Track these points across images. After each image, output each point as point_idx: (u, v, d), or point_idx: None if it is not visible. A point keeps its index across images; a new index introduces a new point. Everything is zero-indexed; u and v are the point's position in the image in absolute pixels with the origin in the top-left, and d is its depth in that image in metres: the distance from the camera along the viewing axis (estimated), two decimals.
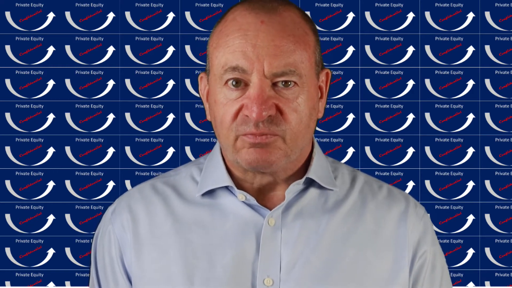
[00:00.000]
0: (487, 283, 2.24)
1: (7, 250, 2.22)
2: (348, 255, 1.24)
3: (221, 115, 1.20)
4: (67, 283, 2.22)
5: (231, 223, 1.25)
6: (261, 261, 1.22)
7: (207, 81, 1.26)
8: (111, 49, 2.25)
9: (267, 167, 1.20)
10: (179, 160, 2.25)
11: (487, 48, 2.25)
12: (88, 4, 2.25)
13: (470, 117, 2.25)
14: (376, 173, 2.24)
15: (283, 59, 1.17)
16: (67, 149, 2.24)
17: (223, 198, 1.27)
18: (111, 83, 2.25)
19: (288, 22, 1.20)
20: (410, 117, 2.26)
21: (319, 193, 1.28)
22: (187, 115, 2.26)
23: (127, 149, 2.25)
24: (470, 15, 2.25)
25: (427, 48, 2.25)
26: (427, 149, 2.25)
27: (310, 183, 1.28)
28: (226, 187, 1.27)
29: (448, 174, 2.26)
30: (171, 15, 2.26)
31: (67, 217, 2.23)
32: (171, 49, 2.25)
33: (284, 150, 1.20)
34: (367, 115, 2.26)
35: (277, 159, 1.20)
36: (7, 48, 2.23)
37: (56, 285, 2.22)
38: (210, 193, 1.28)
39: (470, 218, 2.25)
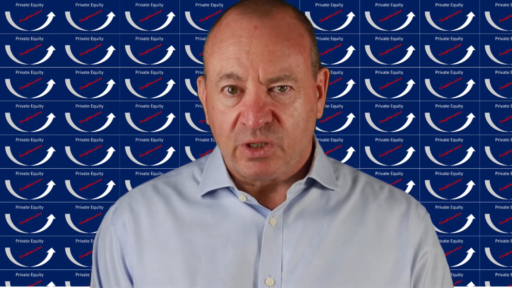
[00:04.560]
0: (487, 283, 2.24)
1: (7, 250, 2.22)
2: (350, 256, 1.24)
3: (220, 123, 1.19)
4: (67, 283, 2.22)
5: (232, 223, 1.24)
6: (263, 261, 1.22)
7: (205, 85, 1.26)
8: (111, 49, 2.25)
9: (267, 177, 1.20)
10: (179, 160, 2.24)
11: (487, 48, 2.25)
12: (88, 4, 2.25)
13: (470, 117, 2.25)
14: (376, 173, 2.24)
15: (278, 64, 1.16)
16: (67, 149, 2.24)
17: (224, 199, 1.27)
18: (111, 83, 2.25)
19: (282, 25, 1.18)
20: (410, 117, 2.26)
21: (321, 193, 1.28)
22: (187, 115, 2.25)
23: (127, 149, 2.25)
24: (470, 15, 2.25)
25: (427, 48, 2.25)
26: (427, 149, 2.25)
27: (312, 183, 1.28)
28: (227, 188, 1.27)
29: (448, 174, 2.26)
30: (171, 15, 2.26)
31: (67, 217, 2.23)
32: (171, 49, 2.25)
33: (283, 158, 1.19)
34: (367, 115, 2.26)
35: (277, 168, 1.19)
36: (7, 48, 2.23)
37: (56, 285, 2.22)
38: (211, 193, 1.28)
39: (470, 218, 2.25)
